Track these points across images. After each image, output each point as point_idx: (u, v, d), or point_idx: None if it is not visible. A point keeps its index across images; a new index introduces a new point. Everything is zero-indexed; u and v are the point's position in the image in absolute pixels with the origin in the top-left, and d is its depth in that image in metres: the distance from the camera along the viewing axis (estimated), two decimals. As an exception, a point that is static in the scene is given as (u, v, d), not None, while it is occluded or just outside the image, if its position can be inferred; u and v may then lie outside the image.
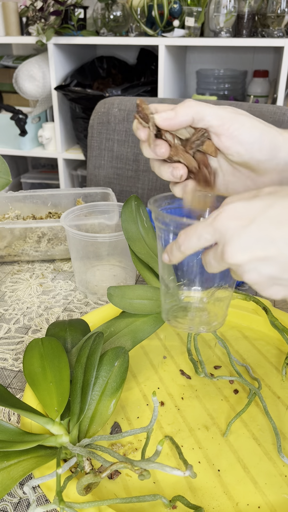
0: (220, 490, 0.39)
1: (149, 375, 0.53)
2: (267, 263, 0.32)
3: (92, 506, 0.35)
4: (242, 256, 0.32)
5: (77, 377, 0.43)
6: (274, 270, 0.32)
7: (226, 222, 0.33)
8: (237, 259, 0.32)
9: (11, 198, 0.86)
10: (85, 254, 0.70)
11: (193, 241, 0.35)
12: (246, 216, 0.32)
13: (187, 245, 0.36)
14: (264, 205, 0.32)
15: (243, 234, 0.32)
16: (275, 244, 0.31)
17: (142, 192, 1.12)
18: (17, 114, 1.92)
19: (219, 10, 1.61)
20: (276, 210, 0.32)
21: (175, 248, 0.37)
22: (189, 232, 0.36)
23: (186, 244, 0.36)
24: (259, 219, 0.32)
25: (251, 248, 0.32)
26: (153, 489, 0.39)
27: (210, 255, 0.36)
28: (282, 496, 0.39)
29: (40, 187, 2.30)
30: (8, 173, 0.59)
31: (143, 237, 0.60)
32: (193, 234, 0.35)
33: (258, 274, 0.33)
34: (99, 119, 1.13)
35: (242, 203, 0.33)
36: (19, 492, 0.40)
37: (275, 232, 0.31)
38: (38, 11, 1.78)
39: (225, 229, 0.33)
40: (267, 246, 0.32)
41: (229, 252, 0.33)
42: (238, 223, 0.32)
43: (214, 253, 0.35)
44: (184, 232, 0.36)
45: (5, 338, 0.61)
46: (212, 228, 0.34)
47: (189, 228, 0.36)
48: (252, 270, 0.33)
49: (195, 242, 0.35)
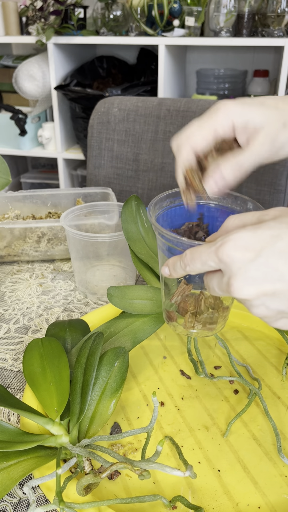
0: (220, 491, 0.39)
1: (149, 375, 0.52)
2: (276, 298, 0.31)
3: (92, 506, 0.35)
4: (249, 291, 0.31)
5: (77, 377, 0.43)
6: (282, 305, 0.31)
7: (232, 253, 0.31)
8: (244, 294, 0.31)
9: (11, 198, 0.86)
10: (85, 254, 0.70)
11: (197, 265, 0.34)
12: (252, 248, 0.31)
13: (192, 268, 0.35)
14: (271, 236, 0.31)
15: (250, 268, 0.31)
16: (283, 279, 0.30)
17: (142, 192, 1.12)
18: (17, 113, 1.92)
19: (219, 9, 1.61)
20: (284, 242, 0.31)
21: (180, 267, 0.36)
22: (195, 255, 0.35)
23: (192, 266, 0.35)
24: (266, 252, 0.30)
25: (259, 283, 0.31)
26: (153, 490, 0.39)
27: (214, 282, 0.35)
28: (282, 497, 0.39)
29: (40, 187, 2.30)
30: (7, 173, 0.59)
31: (143, 237, 0.60)
32: (197, 258, 0.34)
33: (267, 309, 0.32)
34: (99, 119, 1.13)
35: (248, 232, 0.32)
36: (19, 493, 0.40)
37: (284, 266, 0.30)
38: (38, 11, 1.78)
39: (231, 261, 0.31)
40: (275, 280, 0.30)
41: (235, 286, 0.31)
42: (244, 256, 0.31)
43: (218, 282, 0.34)
44: (190, 252, 0.35)
45: (5, 338, 0.61)
46: (216, 257, 0.32)
47: (195, 250, 0.35)
48: (260, 305, 0.32)
49: (199, 267, 0.34)
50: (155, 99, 1.10)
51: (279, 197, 0.98)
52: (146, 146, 1.09)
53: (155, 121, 1.08)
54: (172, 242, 0.42)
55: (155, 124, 1.08)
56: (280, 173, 0.97)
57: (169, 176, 1.08)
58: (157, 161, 1.09)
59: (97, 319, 0.59)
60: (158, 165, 1.09)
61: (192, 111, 1.04)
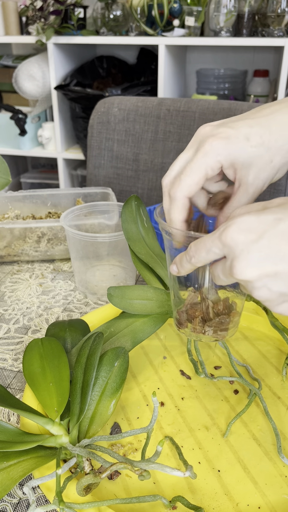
0: (220, 491, 0.39)
1: (149, 375, 0.52)
2: (278, 280, 0.31)
3: (92, 506, 0.35)
4: (251, 272, 0.31)
5: (77, 377, 0.43)
6: (285, 287, 0.31)
7: (235, 236, 0.32)
8: (246, 275, 0.31)
9: (11, 198, 0.86)
10: (85, 254, 0.70)
11: (202, 254, 0.35)
12: (255, 230, 0.31)
13: (197, 258, 0.35)
14: (274, 219, 0.31)
15: (252, 249, 0.31)
16: (285, 260, 0.30)
17: (142, 192, 1.12)
18: (17, 113, 1.92)
19: (219, 9, 1.61)
20: (287, 224, 0.31)
21: (185, 260, 0.37)
22: (199, 245, 0.35)
23: (197, 257, 0.35)
24: (269, 234, 0.31)
25: (261, 264, 0.31)
26: (153, 490, 0.39)
27: (219, 268, 0.35)
28: (282, 497, 0.39)
29: (40, 187, 2.30)
30: (7, 173, 0.59)
31: (143, 237, 0.60)
32: (202, 247, 0.34)
33: (269, 291, 0.32)
34: (99, 119, 1.13)
35: (251, 216, 0.32)
36: (19, 493, 0.40)
37: (286, 247, 0.30)
38: (38, 11, 1.78)
39: (234, 244, 0.32)
40: (278, 261, 0.30)
41: (238, 268, 0.32)
42: (247, 238, 0.31)
43: (222, 267, 0.34)
44: (194, 244, 0.35)
45: (5, 338, 0.61)
46: (220, 242, 0.33)
47: (199, 241, 0.35)
48: (262, 287, 0.32)
49: (204, 255, 0.34)
50: (155, 99, 1.10)
51: (279, 197, 0.98)
52: (146, 146, 1.09)
53: (155, 121, 1.08)
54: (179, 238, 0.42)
55: (155, 124, 1.08)
56: (280, 173, 0.97)
57: (169, 176, 1.08)
58: (157, 161, 1.09)
59: (97, 319, 0.59)
60: (158, 165, 1.09)
61: (192, 111, 1.04)
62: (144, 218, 0.61)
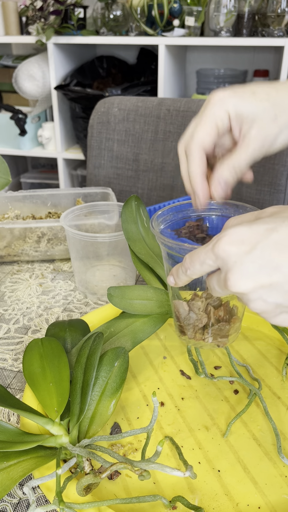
0: (220, 491, 0.39)
1: (149, 375, 0.52)
2: (273, 291, 0.30)
3: (92, 506, 0.35)
4: (246, 284, 0.31)
5: (77, 377, 0.43)
6: (280, 297, 0.31)
7: (227, 247, 0.31)
8: (240, 287, 0.31)
9: (11, 198, 0.86)
10: (85, 254, 0.70)
11: (196, 266, 0.34)
12: (248, 241, 0.31)
13: (192, 270, 0.35)
14: (266, 229, 0.31)
15: (246, 261, 0.30)
16: (279, 270, 0.30)
17: (142, 192, 1.12)
18: (17, 113, 1.92)
19: (219, 9, 1.61)
20: (279, 234, 0.30)
21: (181, 272, 0.36)
22: (193, 257, 0.35)
23: (192, 269, 0.35)
24: (262, 244, 0.30)
25: (255, 276, 0.30)
26: (153, 490, 0.39)
27: (214, 281, 0.34)
28: (282, 497, 0.39)
29: (40, 187, 2.30)
30: (7, 173, 0.58)
31: (143, 237, 0.60)
32: (196, 260, 0.34)
33: (265, 303, 0.31)
34: (99, 119, 1.13)
35: (243, 227, 0.31)
36: (19, 493, 0.40)
37: (280, 258, 0.30)
38: (38, 11, 1.78)
39: (226, 256, 0.31)
40: (272, 272, 0.30)
41: (232, 280, 0.31)
42: (240, 249, 0.31)
43: (217, 279, 0.34)
44: (189, 256, 0.35)
45: (5, 338, 0.61)
46: (213, 254, 0.32)
47: (193, 253, 0.35)
48: (257, 299, 0.31)
49: (199, 267, 0.34)
50: (155, 99, 1.10)
51: (279, 197, 0.98)
52: (146, 146, 1.09)
53: (155, 121, 1.08)
54: (175, 250, 0.42)
55: (155, 124, 1.08)
56: (280, 173, 0.97)
57: (169, 176, 1.08)
58: (157, 161, 1.09)
59: (97, 319, 0.59)
60: (158, 165, 1.09)
61: (192, 111, 1.04)
62: (144, 218, 0.61)
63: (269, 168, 0.97)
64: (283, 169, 0.97)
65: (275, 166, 0.97)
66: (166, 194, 1.09)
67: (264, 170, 0.98)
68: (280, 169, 0.97)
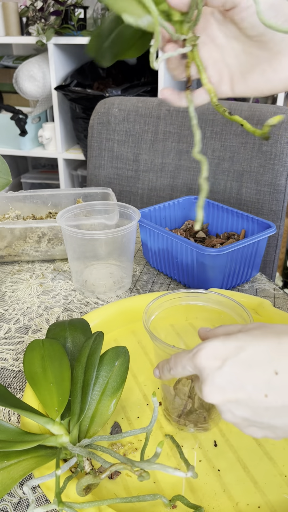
0: (220, 490, 0.39)
1: (150, 375, 0.53)
2: (239, 406, 0.33)
3: (92, 506, 0.35)
4: (216, 397, 0.33)
5: (77, 377, 0.43)
6: (246, 413, 0.33)
7: (203, 361, 0.34)
8: (212, 399, 0.33)
9: (11, 198, 0.86)
10: (81, 252, 0.70)
11: (179, 369, 0.37)
12: (220, 357, 0.33)
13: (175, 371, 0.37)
14: (236, 347, 0.33)
15: (216, 375, 0.33)
16: (244, 388, 0.32)
17: (142, 192, 1.12)
18: (17, 114, 1.92)
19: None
20: (247, 353, 0.32)
21: (166, 370, 0.39)
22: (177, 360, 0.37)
23: (175, 369, 0.37)
24: (230, 361, 0.33)
25: (223, 390, 0.33)
26: (153, 489, 0.40)
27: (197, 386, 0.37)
28: (282, 496, 0.39)
29: (40, 187, 2.30)
30: (8, 173, 0.59)
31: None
32: (179, 363, 0.37)
33: (233, 415, 0.33)
34: (99, 119, 1.13)
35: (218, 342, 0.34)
36: (19, 492, 0.40)
37: (244, 376, 0.32)
38: (38, 11, 1.78)
39: (202, 368, 0.34)
40: (237, 389, 0.32)
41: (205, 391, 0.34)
42: (213, 364, 0.33)
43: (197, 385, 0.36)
44: (174, 357, 0.38)
45: (5, 338, 0.61)
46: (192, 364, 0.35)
47: (178, 355, 0.37)
48: (227, 411, 0.34)
49: (180, 370, 0.37)
50: (155, 99, 1.10)
51: (279, 197, 0.98)
52: (146, 146, 1.09)
53: (155, 121, 1.08)
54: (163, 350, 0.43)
55: (155, 124, 1.08)
56: (280, 173, 0.97)
57: (169, 176, 1.08)
58: (157, 161, 1.09)
59: (98, 319, 0.59)
60: (158, 165, 1.09)
61: (192, 111, 1.04)
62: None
63: (269, 168, 0.97)
64: (283, 169, 0.97)
65: (275, 166, 0.97)
66: (166, 194, 1.10)
67: (264, 170, 0.98)
68: (280, 169, 0.97)
